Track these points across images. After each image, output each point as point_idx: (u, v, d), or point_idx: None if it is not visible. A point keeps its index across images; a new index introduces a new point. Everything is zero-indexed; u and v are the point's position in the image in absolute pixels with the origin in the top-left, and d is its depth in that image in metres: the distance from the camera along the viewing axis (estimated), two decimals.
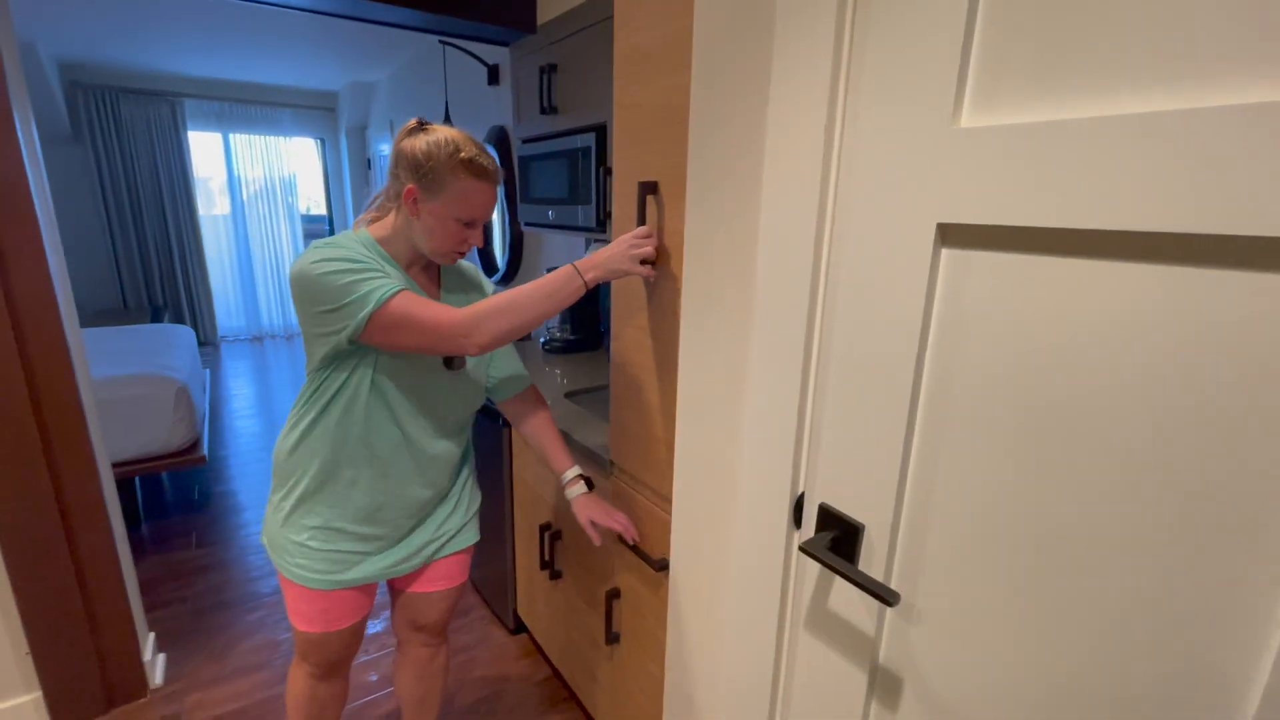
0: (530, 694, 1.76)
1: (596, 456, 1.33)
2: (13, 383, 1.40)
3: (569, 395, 1.70)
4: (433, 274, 1.11)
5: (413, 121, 1.02)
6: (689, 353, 0.92)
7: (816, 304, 0.69)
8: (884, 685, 0.68)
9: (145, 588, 2.16)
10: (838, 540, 0.68)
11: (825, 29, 0.62)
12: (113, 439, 2.27)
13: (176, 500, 2.82)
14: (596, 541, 1.15)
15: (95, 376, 2.30)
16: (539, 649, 1.93)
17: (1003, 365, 0.54)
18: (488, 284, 1.23)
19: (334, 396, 1.02)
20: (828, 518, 0.69)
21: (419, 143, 0.97)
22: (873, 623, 0.67)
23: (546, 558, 1.60)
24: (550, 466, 1.23)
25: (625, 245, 0.98)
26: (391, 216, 1.04)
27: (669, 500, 1.09)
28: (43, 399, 1.45)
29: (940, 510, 0.61)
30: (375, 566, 1.13)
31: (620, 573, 1.31)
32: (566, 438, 1.43)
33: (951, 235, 0.57)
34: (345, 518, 1.09)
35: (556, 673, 1.84)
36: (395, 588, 1.28)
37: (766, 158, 0.71)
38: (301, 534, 1.07)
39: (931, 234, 0.57)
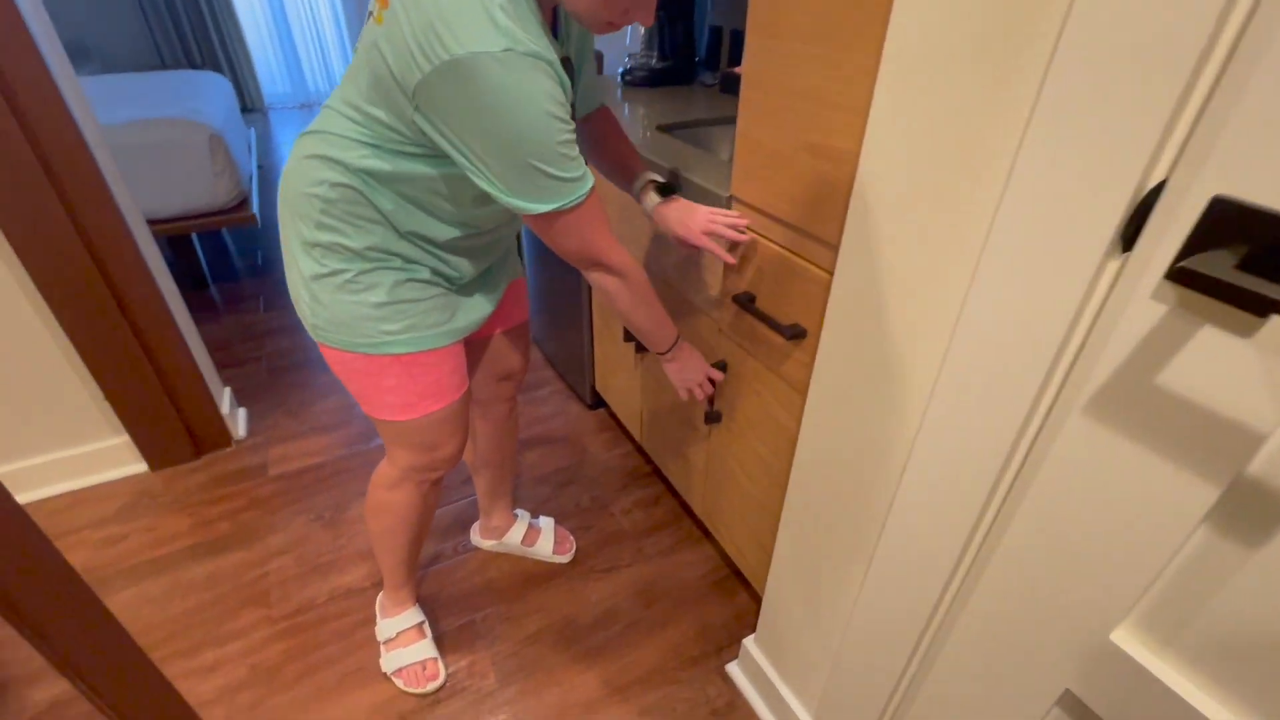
0: (610, 466, 1.67)
1: (708, 198, 0.99)
2: (3, 126, 1.16)
3: (663, 128, 1.32)
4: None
5: None
6: None
7: None
8: (1242, 503, 0.41)
9: (218, 346, 2.13)
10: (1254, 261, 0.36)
11: None
12: (150, 192, 2.08)
13: (243, 265, 2.74)
14: (722, 253, 0.92)
15: (116, 121, 2.04)
16: (619, 424, 1.82)
17: None
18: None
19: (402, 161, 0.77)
20: (1230, 220, 0.36)
21: None
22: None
23: None
24: (625, 177, 1.00)
25: (702, 371, 0.98)
26: None
27: (825, 245, 0.77)
28: (45, 148, 1.23)
29: None
30: (478, 309, 0.95)
31: (728, 340, 1.05)
32: (660, 172, 1.09)
33: None
34: (430, 260, 0.86)
35: (638, 448, 1.73)
36: (472, 341, 1.10)
37: None
38: (380, 293, 0.83)
39: None
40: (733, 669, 1.19)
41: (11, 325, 1.36)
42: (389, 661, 1.17)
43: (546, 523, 1.44)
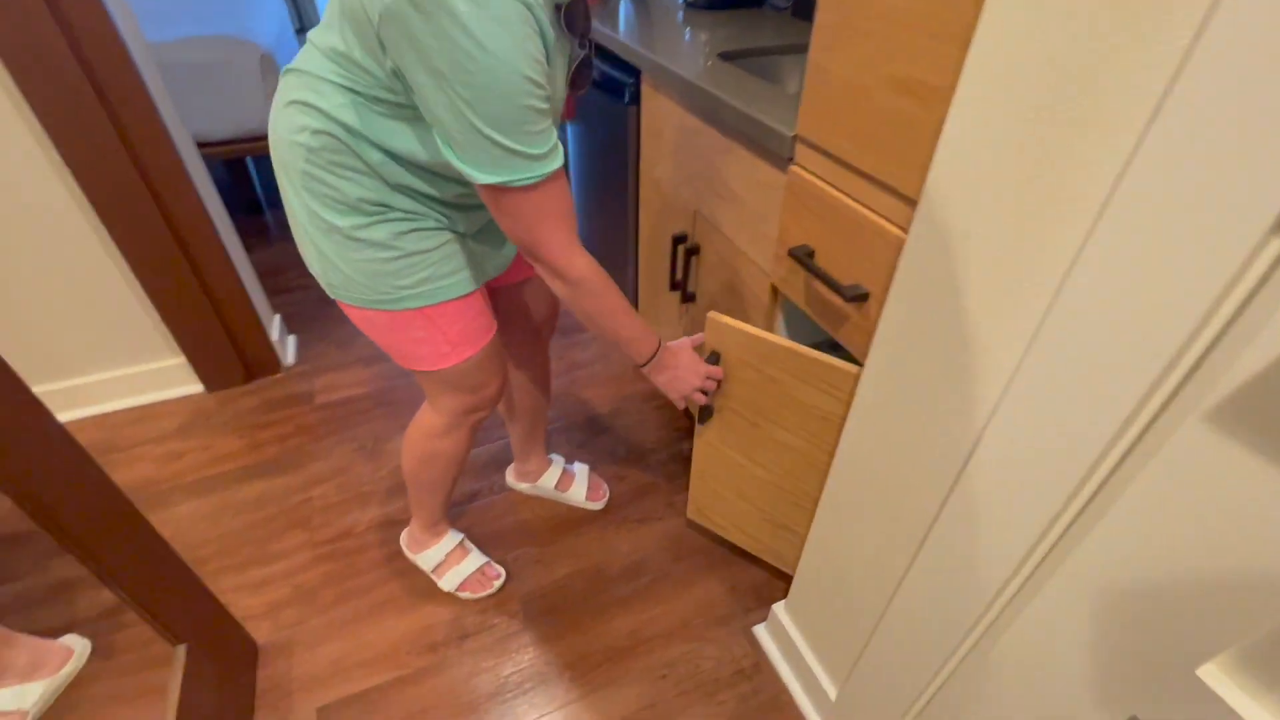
0: (647, 417, 1.63)
1: (769, 137, 0.89)
2: (50, 40, 1.14)
3: (726, 56, 1.20)
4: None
5: None
6: None
7: None
8: None
9: (271, 272, 2.16)
10: None
11: None
12: (200, 113, 2.06)
13: None
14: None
15: (162, 39, 2.02)
16: None
17: None
18: None
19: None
20: None
21: None
22: None
23: (678, 276, 1.29)
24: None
25: (698, 375, 0.92)
26: None
27: (901, 198, 0.68)
28: (91, 63, 1.21)
29: None
30: (497, 254, 0.92)
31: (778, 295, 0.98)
32: (719, 106, 0.98)
33: None
34: (431, 211, 0.81)
35: None
36: (498, 289, 1.05)
37: None
38: (384, 248, 0.78)
39: None
40: (760, 631, 1.17)
41: (73, 242, 1.39)
42: (448, 581, 1.21)
43: (581, 469, 1.43)
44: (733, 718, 1.06)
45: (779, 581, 1.27)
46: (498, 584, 1.23)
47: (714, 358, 0.95)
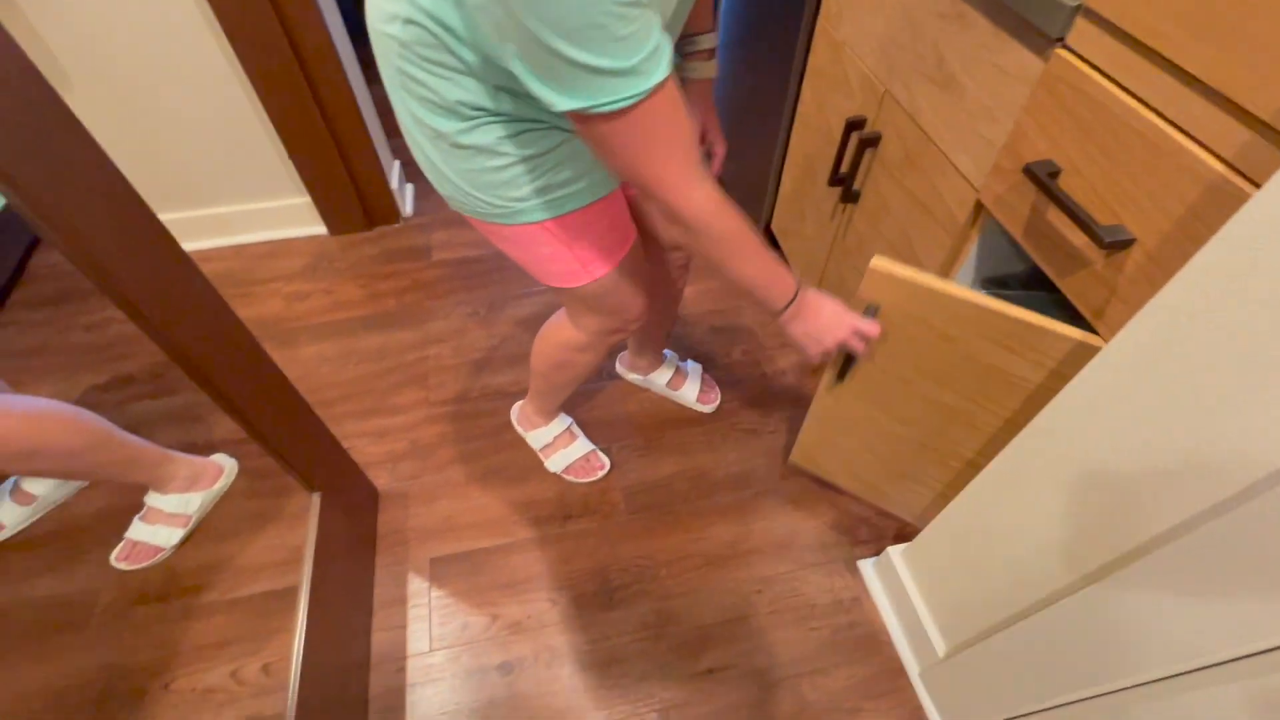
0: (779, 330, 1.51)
1: (1033, 2, 0.66)
2: None
3: None
4: None
5: None
6: None
7: None
8: None
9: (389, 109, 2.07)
10: None
11: None
12: None
13: None
14: None
15: None
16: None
17: None
18: None
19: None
20: None
21: None
22: None
23: (844, 170, 1.09)
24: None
25: (845, 328, 0.76)
26: None
27: (1239, 114, 0.48)
28: None
29: None
30: None
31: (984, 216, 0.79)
32: None
33: None
34: (542, 113, 0.66)
35: None
36: (633, 197, 0.93)
37: None
38: (491, 155, 0.67)
39: None
40: (865, 566, 1.13)
41: (207, 70, 1.35)
42: (555, 463, 1.23)
43: (694, 369, 1.36)
44: (824, 645, 1.05)
45: (890, 522, 1.19)
46: (601, 473, 1.23)
47: (871, 310, 0.80)
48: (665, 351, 1.35)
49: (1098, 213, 0.63)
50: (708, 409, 1.34)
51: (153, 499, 1.12)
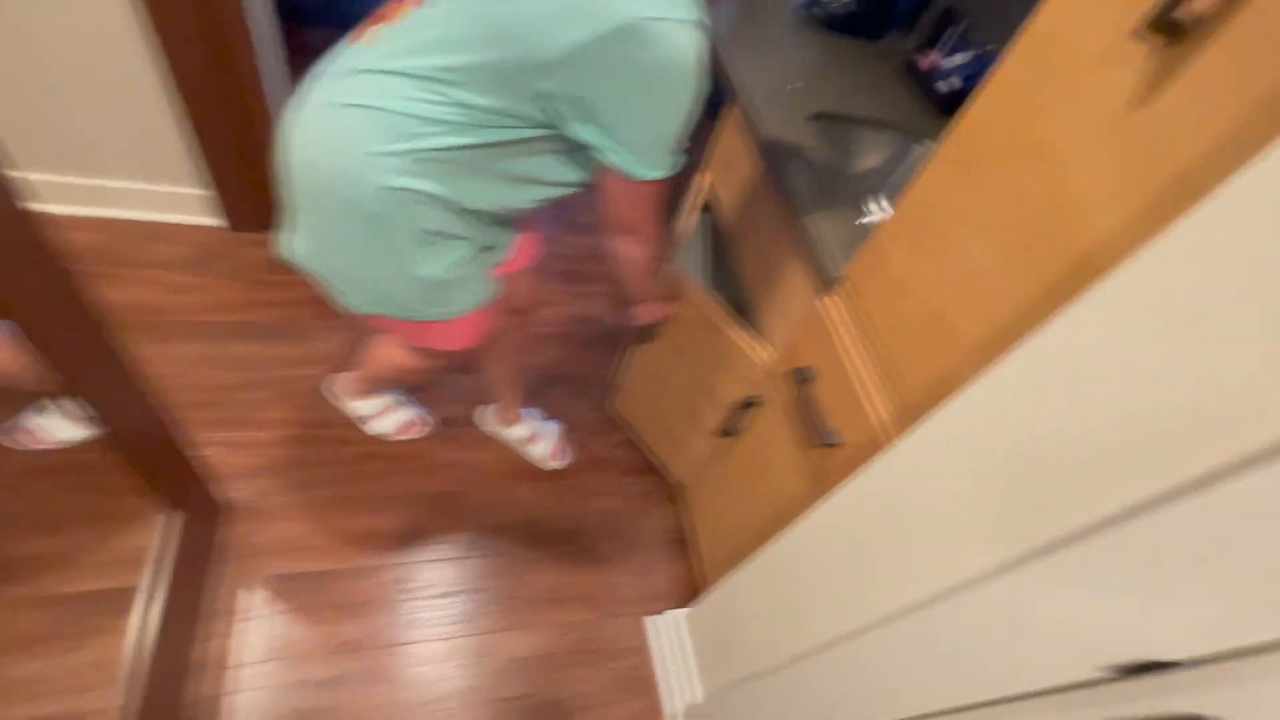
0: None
1: (818, 255, 0.93)
2: None
3: (818, 116, 1.17)
4: None
5: None
6: None
7: None
8: None
9: None
10: None
11: None
12: None
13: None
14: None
15: None
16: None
17: None
18: None
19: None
20: None
21: None
22: None
23: None
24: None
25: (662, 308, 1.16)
26: None
27: (901, 404, 0.76)
28: None
29: None
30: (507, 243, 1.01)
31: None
32: (786, 191, 1.01)
33: None
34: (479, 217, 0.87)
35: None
36: None
37: None
38: (460, 254, 0.88)
39: None
40: (649, 623, 1.37)
41: (115, 39, 1.33)
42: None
43: (552, 429, 1.55)
44: (607, 684, 1.28)
45: (687, 583, 1.46)
46: (422, 431, 1.49)
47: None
48: (526, 410, 1.53)
49: (827, 417, 0.90)
50: (558, 465, 1.54)
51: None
